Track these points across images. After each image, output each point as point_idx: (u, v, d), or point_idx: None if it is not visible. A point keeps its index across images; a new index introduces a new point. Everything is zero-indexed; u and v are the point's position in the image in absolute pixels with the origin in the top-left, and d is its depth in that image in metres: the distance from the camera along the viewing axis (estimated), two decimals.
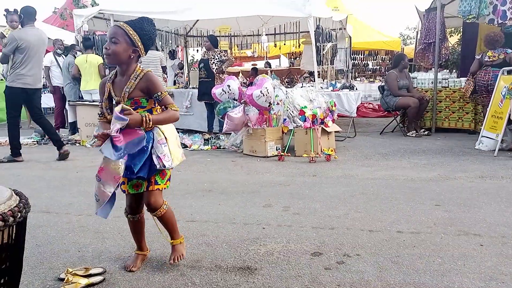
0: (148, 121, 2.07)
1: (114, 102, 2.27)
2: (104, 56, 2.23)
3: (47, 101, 8.93)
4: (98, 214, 2.23)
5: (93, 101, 7.28)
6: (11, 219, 1.40)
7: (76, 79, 7.69)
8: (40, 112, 5.85)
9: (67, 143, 7.20)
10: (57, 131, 7.97)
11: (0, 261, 1.42)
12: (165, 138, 2.23)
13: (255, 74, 10.86)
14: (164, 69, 7.44)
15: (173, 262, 2.38)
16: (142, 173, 2.20)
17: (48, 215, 3.41)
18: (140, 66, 2.25)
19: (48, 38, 10.73)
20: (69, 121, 7.92)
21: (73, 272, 2.29)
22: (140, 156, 2.17)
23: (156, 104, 2.24)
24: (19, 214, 1.45)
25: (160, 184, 2.29)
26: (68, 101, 7.80)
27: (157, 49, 7.68)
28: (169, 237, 2.45)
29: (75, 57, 7.82)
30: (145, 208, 2.39)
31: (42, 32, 5.71)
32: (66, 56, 8.12)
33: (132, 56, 2.20)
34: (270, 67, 14.80)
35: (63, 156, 5.72)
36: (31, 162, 5.68)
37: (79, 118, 7.27)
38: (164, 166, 2.19)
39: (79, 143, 7.15)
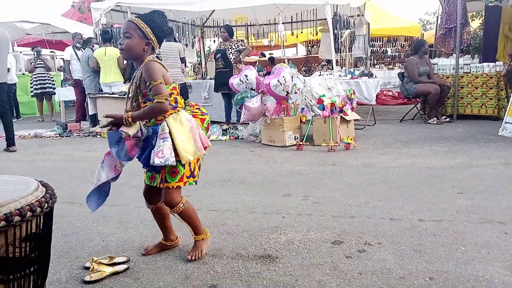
0: (126, 119, 2.10)
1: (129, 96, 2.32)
2: (120, 52, 2.27)
3: (68, 94, 9.06)
4: (87, 202, 2.32)
5: (113, 93, 7.37)
6: (39, 209, 1.44)
7: (96, 71, 7.78)
8: (6, 105, 5.98)
9: (88, 135, 7.33)
10: (78, 123, 8.17)
11: (29, 250, 1.47)
12: (170, 132, 2.17)
13: (272, 63, 10.81)
14: (183, 60, 7.46)
15: (190, 258, 2.37)
16: (146, 166, 2.24)
17: (72, 205, 3.49)
18: (149, 58, 2.19)
19: (67, 32, 10.96)
20: (89, 114, 8.04)
21: (98, 260, 2.35)
22: (145, 148, 2.21)
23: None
24: (46, 205, 1.49)
25: (169, 182, 2.24)
26: (88, 94, 7.91)
27: (175, 41, 7.69)
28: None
29: (93, 50, 7.91)
30: None
31: (4, 30, 5.80)
32: (84, 49, 8.22)
33: (145, 49, 2.21)
34: (264, 56, 14.51)
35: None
36: (54, 155, 5.80)
37: (100, 111, 7.37)
38: (154, 162, 2.13)
39: (99, 135, 7.26)
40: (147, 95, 2.20)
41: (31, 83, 9.96)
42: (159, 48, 2.38)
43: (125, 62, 7.73)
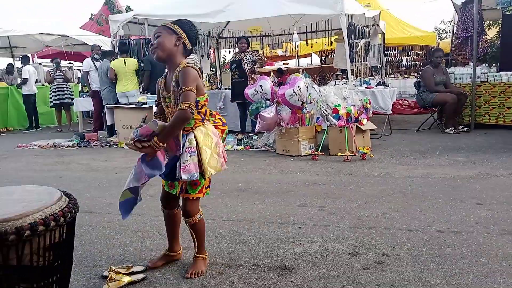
0: (156, 145, 2.03)
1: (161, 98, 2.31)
2: (152, 53, 2.23)
3: (86, 104, 9.21)
4: (120, 209, 2.26)
5: (130, 104, 7.47)
6: (62, 219, 1.47)
7: (114, 83, 7.89)
8: None
9: (106, 145, 7.43)
10: (95, 133, 8.29)
11: (52, 259, 1.49)
12: (198, 146, 2.17)
13: (281, 75, 10.79)
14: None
15: (189, 276, 2.31)
16: (167, 177, 2.21)
17: (90, 214, 3.54)
18: (186, 61, 2.22)
19: (85, 44, 11.19)
20: (107, 124, 8.15)
21: (116, 270, 2.37)
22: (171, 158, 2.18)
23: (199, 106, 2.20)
24: (69, 215, 1.52)
25: (190, 194, 2.24)
26: (106, 104, 8.02)
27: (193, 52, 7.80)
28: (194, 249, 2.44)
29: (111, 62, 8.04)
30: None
31: None
32: (103, 60, 8.35)
33: (177, 44, 2.21)
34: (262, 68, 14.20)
35: None
36: (72, 164, 5.90)
37: (117, 121, 7.47)
38: (181, 177, 2.13)
39: (117, 145, 7.35)
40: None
41: (50, 94, 10.16)
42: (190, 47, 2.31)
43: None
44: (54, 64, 10.25)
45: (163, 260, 2.51)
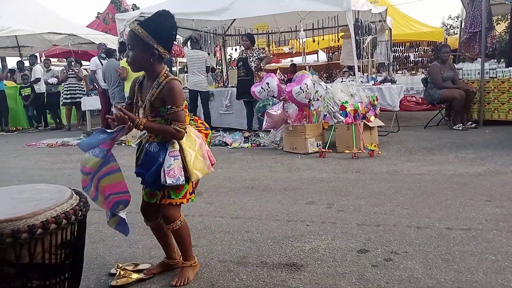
0: (138, 125, 2.00)
1: (139, 105, 2.20)
2: (128, 63, 2.17)
3: (94, 103, 9.24)
4: (119, 230, 2.28)
5: None
6: (73, 217, 1.49)
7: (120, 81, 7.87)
8: None
9: None
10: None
11: (64, 256, 1.51)
12: (181, 148, 2.11)
13: (295, 70, 10.84)
14: (208, 69, 7.55)
15: (174, 284, 2.21)
16: (152, 186, 2.14)
17: (100, 212, 3.54)
18: (165, 72, 2.10)
19: (92, 43, 11.22)
20: None
21: (123, 267, 2.39)
22: (151, 166, 2.12)
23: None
24: (80, 213, 1.54)
25: (173, 198, 2.15)
26: (115, 103, 8.00)
27: (201, 49, 7.80)
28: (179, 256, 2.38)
29: (116, 59, 8.02)
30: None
31: None
32: (109, 59, 8.33)
33: (152, 60, 2.06)
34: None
35: None
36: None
37: None
38: (166, 182, 2.05)
39: (124, 143, 7.38)
40: (159, 111, 2.11)
41: (62, 93, 10.23)
42: (168, 56, 2.18)
43: None
44: (67, 63, 10.32)
45: (160, 268, 2.41)
